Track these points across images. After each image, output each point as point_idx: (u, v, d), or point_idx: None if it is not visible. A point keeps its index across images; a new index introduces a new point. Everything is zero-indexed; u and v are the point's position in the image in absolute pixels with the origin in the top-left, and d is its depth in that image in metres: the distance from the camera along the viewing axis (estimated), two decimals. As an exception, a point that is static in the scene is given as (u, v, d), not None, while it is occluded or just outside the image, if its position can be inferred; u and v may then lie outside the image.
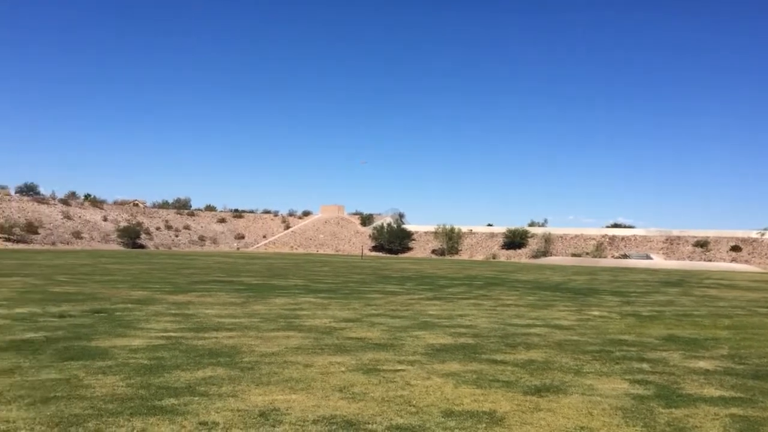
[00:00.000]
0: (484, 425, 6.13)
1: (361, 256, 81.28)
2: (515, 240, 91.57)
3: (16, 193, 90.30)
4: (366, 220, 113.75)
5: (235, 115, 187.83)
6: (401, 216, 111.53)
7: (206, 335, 11.19)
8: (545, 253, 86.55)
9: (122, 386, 7.17)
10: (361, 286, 25.30)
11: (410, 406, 6.75)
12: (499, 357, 9.86)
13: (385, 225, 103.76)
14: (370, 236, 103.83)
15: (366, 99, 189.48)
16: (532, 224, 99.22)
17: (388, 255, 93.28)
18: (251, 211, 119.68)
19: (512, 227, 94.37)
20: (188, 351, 9.56)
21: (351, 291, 22.61)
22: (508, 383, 7.98)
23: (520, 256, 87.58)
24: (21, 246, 70.47)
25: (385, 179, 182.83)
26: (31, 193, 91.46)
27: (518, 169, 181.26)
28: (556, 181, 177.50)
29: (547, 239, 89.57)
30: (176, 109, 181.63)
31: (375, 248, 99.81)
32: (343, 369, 8.55)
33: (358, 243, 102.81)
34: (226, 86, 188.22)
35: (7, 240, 72.34)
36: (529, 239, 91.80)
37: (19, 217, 79.29)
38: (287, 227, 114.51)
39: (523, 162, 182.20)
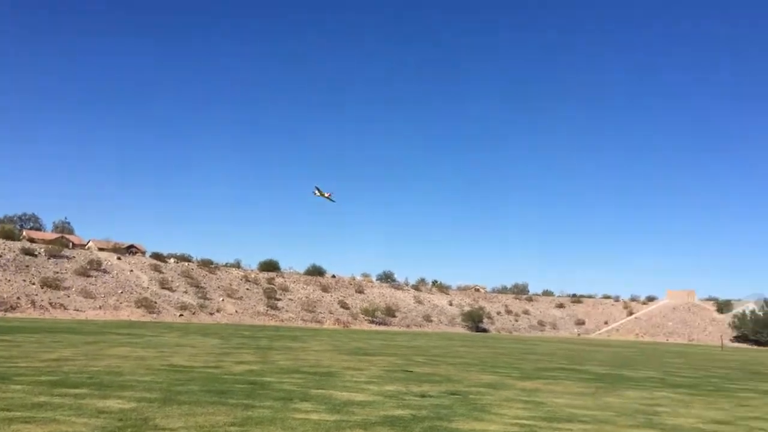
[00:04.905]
0: None
1: (722, 347, 71.95)
2: None
3: (377, 280, 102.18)
4: (723, 306, 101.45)
5: (564, 201, 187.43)
6: None
7: (560, 426, 10.88)
8: None
9: (486, 472, 7.30)
10: (727, 383, 22.23)
11: None
12: None
13: (747, 312, 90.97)
14: (729, 325, 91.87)
15: (712, 180, 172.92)
16: None
17: (755, 347, 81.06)
18: (590, 296, 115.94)
19: None
20: (545, 441, 9.38)
21: (715, 388, 20.00)
22: None
23: None
24: (382, 327, 78.81)
25: (744, 261, 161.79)
26: (389, 280, 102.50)
27: None
28: None
29: None
30: (507, 198, 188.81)
31: (737, 338, 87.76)
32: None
33: (714, 332, 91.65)
34: (554, 176, 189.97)
35: (371, 322, 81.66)
36: None
37: (380, 301, 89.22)
38: (630, 313, 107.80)
39: None
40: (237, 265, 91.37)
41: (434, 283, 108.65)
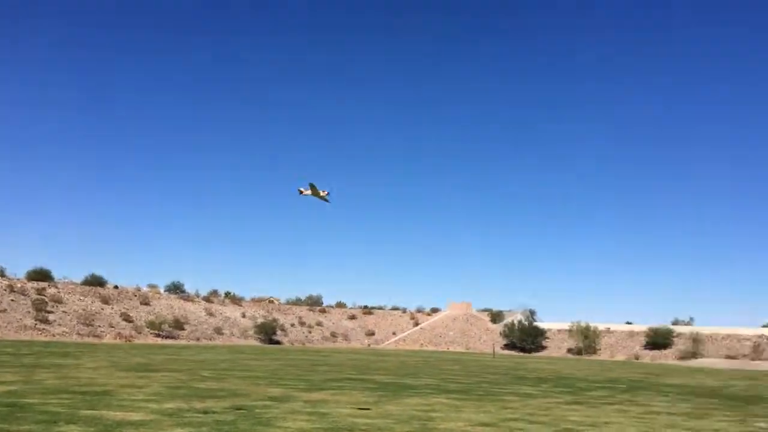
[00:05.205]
0: None
1: (493, 354, 78.82)
2: (658, 340, 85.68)
3: (165, 291, 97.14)
4: (496, 317, 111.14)
5: (358, 215, 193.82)
6: (532, 313, 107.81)
7: (342, 436, 11.11)
8: (694, 354, 79.72)
9: (263, 487, 7.19)
10: (495, 387, 24.37)
11: None
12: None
13: (515, 322, 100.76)
14: (500, 334, 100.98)
15: (489, 199, 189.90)
16: (676, 322, 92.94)
17: (521, 354, 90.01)
18: (380, 308, 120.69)
19: (654, 326, 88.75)
20: (325, 452, 9.50)
21: (485, 392, 21.81)
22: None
23: (666, 357, 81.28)
24: (169, 341, 74.95)
25: (514, 274, 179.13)
26: (178, 291, 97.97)
27: (658, 264, 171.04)
28: (701, 276, 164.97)
29: (695, 339, 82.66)
30: (300, 208, 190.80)
31: (507, 346, 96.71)
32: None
33: (489, 341, 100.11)
34: (352, 185, 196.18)
35: (157, 336, 77.31)
36: (674, 339, 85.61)
37: (167, 314, 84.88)
38: (416, 324, 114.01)
39: (663, 256, 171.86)
40: (0, 274, 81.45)
41: (227, 294, 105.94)
